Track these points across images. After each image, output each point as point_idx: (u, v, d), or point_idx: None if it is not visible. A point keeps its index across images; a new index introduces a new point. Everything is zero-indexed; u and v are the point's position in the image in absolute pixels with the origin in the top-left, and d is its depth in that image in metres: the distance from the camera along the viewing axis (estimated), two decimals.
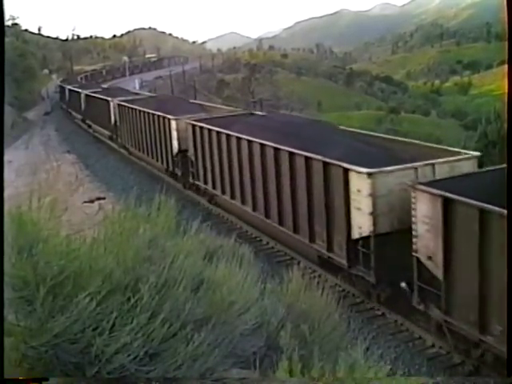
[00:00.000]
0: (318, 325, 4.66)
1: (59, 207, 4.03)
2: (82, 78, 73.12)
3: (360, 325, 10.24)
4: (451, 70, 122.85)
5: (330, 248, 11.42)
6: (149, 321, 3.55)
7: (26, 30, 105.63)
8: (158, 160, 22.09)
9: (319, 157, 11.46)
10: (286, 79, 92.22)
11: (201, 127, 17.54)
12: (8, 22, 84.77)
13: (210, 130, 16.86)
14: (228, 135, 15.77)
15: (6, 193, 3.73)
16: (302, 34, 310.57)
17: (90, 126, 38.06)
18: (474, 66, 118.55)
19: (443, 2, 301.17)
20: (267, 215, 13.95)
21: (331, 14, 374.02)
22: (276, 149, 13.11)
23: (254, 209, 14.66)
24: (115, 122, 28.87)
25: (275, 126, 15.38)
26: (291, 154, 12.49)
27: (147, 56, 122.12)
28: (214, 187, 17.19)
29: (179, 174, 20.15)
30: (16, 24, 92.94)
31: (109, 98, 29.31)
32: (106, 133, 31.63)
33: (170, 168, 20.81)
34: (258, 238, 15.13)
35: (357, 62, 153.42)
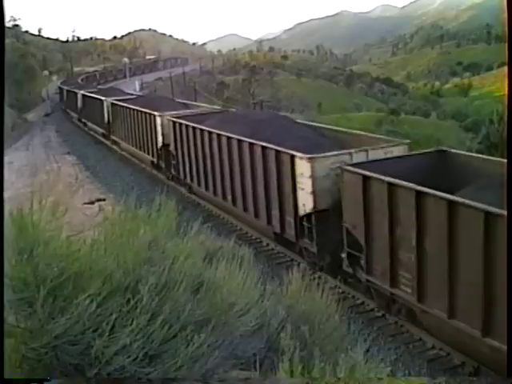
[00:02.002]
0: (318, 326, 4.67)
1: (59, 209, 4.03)
2: (82, 80, 73.15)
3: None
4: (451, 72, 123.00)
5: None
6: (149, 322, 3.55)
7: (26, 32, 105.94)
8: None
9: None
10: (287, 81, 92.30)
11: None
12: (9, 24, 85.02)
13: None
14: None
15: (7, 194, 3.74)
16: (303, 35, 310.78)
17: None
18: (474, 67, 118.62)
19: (443, 4, 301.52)
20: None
21: (332, 16, 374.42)
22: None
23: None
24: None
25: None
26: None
27: (147, 57, 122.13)
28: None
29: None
30: (17, 25, 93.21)
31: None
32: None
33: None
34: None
35: (357, 64, 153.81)
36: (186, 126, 18.55)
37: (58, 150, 32.52)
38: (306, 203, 11.86)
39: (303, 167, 11.84)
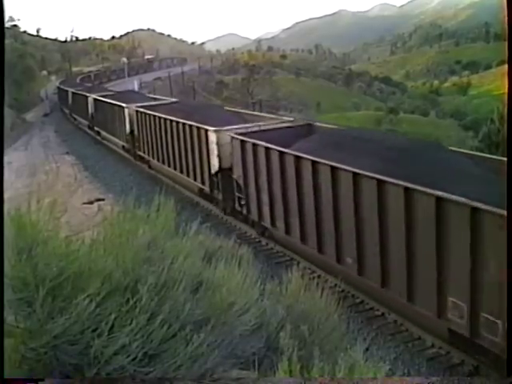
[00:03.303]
0: (318, 325, 4.67)
1: (58, 208, 4.03)
2: (82, 79, 73.10)
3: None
4: (450, 71, 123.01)
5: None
6: (148, 322, 3.55)
7: (24, 32, 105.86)
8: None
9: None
10: (285, 80, 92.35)
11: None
12: (7, 24, 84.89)
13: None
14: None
15: (6, 194, 3.73)
16: (301, 34, 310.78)
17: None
18: (472, 66, 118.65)
19: (442, 3, 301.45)
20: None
21: (330, 15, 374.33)
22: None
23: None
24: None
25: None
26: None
27: (146, 57, 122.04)
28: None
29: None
30: (15, 25, 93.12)
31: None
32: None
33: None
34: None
35: (356, 63, 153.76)
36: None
37: (56, 150, 32.52)
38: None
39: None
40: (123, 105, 26.44)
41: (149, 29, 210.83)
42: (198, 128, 17.09)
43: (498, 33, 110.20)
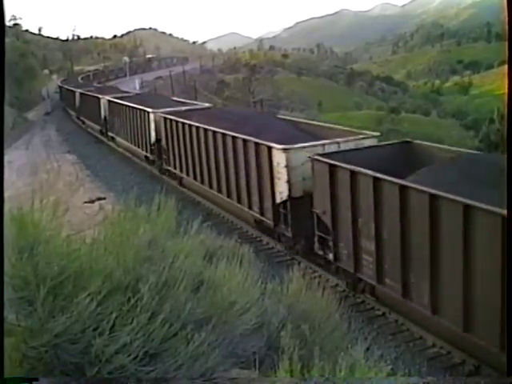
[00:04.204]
0: (319, 325, 4.67)
1: (60, 208, 4.03)
2: (82, 79, 73.11)
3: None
4: (452, 70, 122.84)
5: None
6: (149, 321, 3.55)
7: (26, 31, 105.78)
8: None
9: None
10: (287, 79, 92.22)
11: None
12: (9, 23, 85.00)
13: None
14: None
15: (7, 193, 3.73)
16: (303, 34, 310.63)
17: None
18: (474, 65, 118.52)
19: (444, 2, 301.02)
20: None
21: (332, 14, 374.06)
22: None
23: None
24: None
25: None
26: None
27: (147, 56, 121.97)
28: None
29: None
30: (17, 24, 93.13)
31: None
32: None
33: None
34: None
35: (357, 62, 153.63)
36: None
37: (58, 149, 32.53)
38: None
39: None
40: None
41: (150, 28, 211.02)
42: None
43: (500, 32, 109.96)
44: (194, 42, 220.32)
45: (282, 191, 12.74)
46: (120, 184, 22.04)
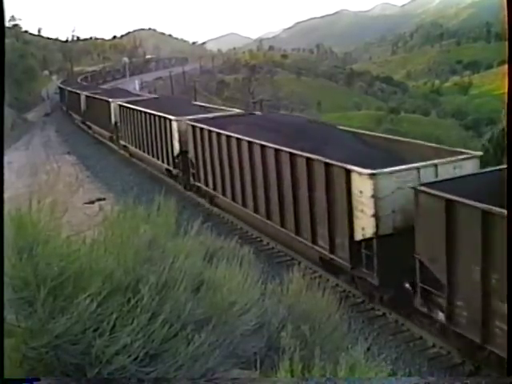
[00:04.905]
0: (319, 325, 4.66)
1: (59, 208, 4.03)
2: (82, 79, 73.11)
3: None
4: (451, 70, 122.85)
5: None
6: (149, 321, 3.55)
7: (26, 31, 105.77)
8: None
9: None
10: (286, 79, 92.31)
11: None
12: (8, 23, 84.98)
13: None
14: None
15: (7, 194, 3.73)
16: (302, 34, 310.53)
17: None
18: (474, 65, 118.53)
19: (443, 2, 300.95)
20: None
21: (331, 15, 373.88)
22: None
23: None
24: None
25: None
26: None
27: (147, 57, 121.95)
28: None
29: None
30: (16, 25, 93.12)
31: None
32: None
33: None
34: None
35: (357, 62, 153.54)
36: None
37: (57, 150, 32.54)
38: (365, 227, 10.03)
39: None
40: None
41: (150, 28, 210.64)
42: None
43: (499, 32, 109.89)
44: (193, 43, 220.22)
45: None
46: (119, 185, 22.05)
